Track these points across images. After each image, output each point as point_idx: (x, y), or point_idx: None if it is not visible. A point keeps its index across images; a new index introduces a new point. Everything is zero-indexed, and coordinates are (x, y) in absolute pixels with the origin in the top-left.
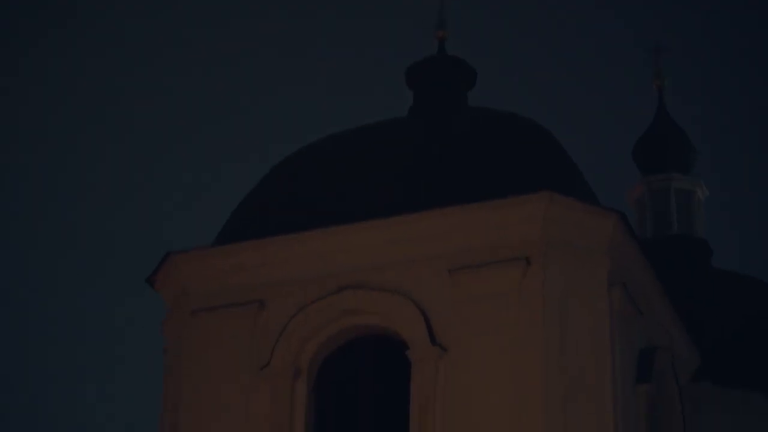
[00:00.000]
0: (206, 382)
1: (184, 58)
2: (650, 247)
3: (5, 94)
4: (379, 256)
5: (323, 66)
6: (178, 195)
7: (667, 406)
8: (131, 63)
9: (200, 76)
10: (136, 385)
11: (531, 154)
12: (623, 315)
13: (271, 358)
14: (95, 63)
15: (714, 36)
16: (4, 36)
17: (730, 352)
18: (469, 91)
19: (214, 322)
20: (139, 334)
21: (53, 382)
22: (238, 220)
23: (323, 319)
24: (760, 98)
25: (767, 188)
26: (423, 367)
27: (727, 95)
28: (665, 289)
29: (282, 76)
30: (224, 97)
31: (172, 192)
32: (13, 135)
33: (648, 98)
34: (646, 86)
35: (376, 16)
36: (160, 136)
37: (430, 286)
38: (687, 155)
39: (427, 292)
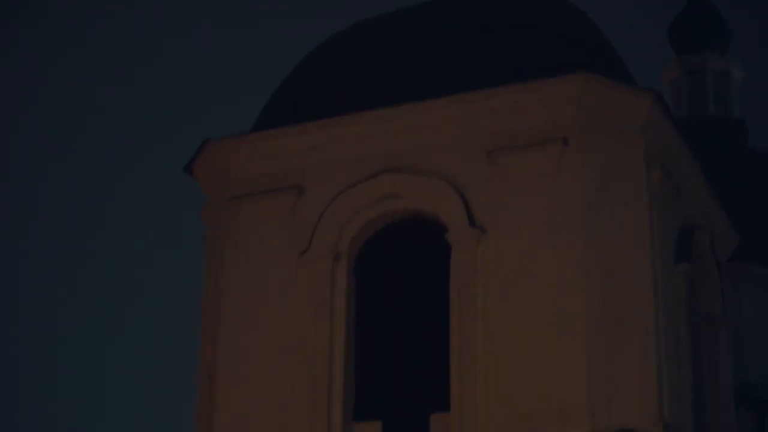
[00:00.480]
0: (246, 268)
1: None
2: (686, 128)
3: None
4: (417, 140)
5: None
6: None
7: (707, 285)
8: None
9: None
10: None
11: (566, 35)
12: (661, 194)
13: (310, 243)
14: None
15: None
16: None
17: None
18: None
19: (254, 208)
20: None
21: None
22: (275, 106)
23: (362, 202)
24: None
25: None
26: (462, 249)
27: None
28: (703, 168)
29: None
30: None
31: (209, 81)
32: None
33: None
34: None
35: None
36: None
37: (468, 169)
38: (722, 35)
39: (465, 174)
